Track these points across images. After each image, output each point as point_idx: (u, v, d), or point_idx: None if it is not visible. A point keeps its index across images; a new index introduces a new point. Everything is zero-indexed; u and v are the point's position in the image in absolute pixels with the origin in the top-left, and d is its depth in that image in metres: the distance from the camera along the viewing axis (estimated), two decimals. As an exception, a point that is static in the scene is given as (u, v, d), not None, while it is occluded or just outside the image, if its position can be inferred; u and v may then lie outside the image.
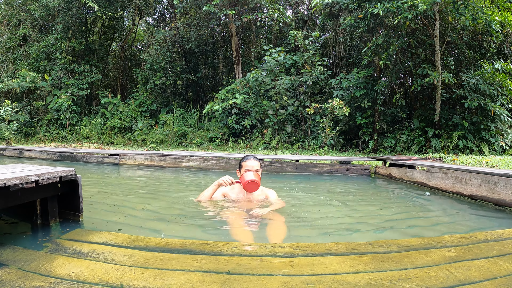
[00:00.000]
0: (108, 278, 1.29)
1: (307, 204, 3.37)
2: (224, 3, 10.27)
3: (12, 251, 1.60)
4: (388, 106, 9.88)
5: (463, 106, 7.92)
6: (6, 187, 1.75)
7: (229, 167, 6.34)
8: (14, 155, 8.75)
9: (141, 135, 11.19)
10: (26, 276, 1.30)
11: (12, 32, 14.02)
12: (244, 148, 9.55)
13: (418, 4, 6.69)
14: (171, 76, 12.76)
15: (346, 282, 1.25)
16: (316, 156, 7.13)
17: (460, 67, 8.59)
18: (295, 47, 10.74)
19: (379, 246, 1.67)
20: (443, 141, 7.73)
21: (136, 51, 17.34)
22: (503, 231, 1.98)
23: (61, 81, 12.58)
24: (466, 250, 1.62)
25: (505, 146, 7.77)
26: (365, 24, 8.47)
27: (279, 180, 5.31)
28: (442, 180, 4.08)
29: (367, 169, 6.06)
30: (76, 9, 12.48)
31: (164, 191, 4.17)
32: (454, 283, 1.24)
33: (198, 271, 1.35)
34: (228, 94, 10.12)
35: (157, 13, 16.00)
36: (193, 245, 1.68)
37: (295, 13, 13.93)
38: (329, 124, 8.86)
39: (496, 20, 7.57)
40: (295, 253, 1.56)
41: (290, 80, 9.53)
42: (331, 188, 4.72)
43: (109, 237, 1.82)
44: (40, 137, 12.31)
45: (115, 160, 7.28)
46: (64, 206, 2.31)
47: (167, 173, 6.04)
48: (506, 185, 3.04)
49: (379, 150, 8.76)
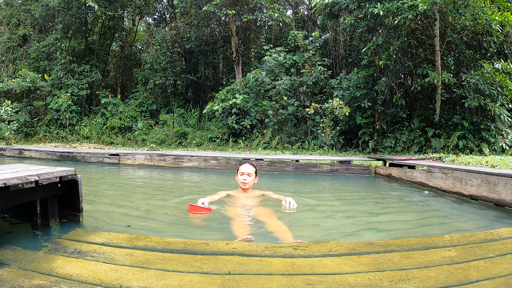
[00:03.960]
0: (108, 279, 1.29)
1: (307, 204, 3.37)
2: (224, 3, 10.27)
3: (12, 251, 1.60)
4: (388, 106, 9.88)
5: (463, 106, 7.92)
6: (6, 187, 1.75)
7: (229, 167, 6.34)
8: (14, 155, 8.75)
9: (141, 135, 11.19)
10: (26, 275, 1.30)
11: (12, 32, 14.01)
12: (244, 148, 9.55)
13: (418, 4, 6.69)
14: (171, 76, 12.76)
15: (346, 282, 1.25)
16: (316, 156, 7.13)
17: (460, 67, 8.59)
18: (295, 47, 10.74)
19: (379, 246, 1.67)
20: (443, 141, 7.73)
21: (136, 51, 17.34)
22: (503, 231, 1.97)
23: (61, 81, 12.58)
24: (466, 250, 1.62)
25: (505, 146, 7.77)
26: (365, 24, 8.47)
27: (279, 180, 5.30)
28: (442, 180, 4.08)
29: (367, 169, 6.06)
30: (76, 9, 12.48)
31: (164, 191, 4.16)
32: (454, 283, 1.24)
33: (198, 272, 1.35)
34: (228, 94, 10.12)
35: (157, 13, 16.00)
36: (193, 245, 1.68)
37: (295, 13, 13.93)
38: (329, 124, 8.86)
39: (496, 20, 7.57)
40: (295, 253, 1.56)
41: (290, 80, 9.53)
42: (331, 188, 4.72)
43: (109, 237, 1.82)
44: (40, 137, 12.31)
45: (115, 160, 7.28)
46: (64, 206, 2.31)
47: (167, 173, 6.04)
48: (506, 185, 3.04)
49: (379, 150, 8.76)
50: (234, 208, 2.91)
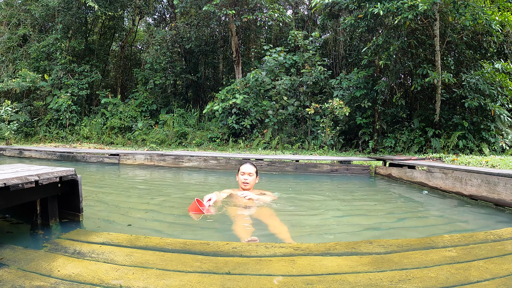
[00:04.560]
0: (108, 279, 1.29)
1: (307, 204, 3.37)
2: (224, 3, 10.27)
3: (12, 251, 1.60)
4: (388, 106, 9.87)
5: (463, 106, 7.92)
6: (6, 187, 1.75)
7: (229, 167, 6.34)
8: (14, 155, 8.75)
9: (141, 135, 11.19)
10: (26, 276, 1.30)
11: (12, 32, 14.01)
12: (244, 148, 9.55)
13: (418, 4, 6.69)
14: (171, 76, 12.76)
15: (346, 282, 1.25)
16: (316, 156, 7.12)
17: (460, 67, 8.59)
18: (295, 47, 10.73)
19: (379, 246, 1.67)
20: (443, 141, 7.73)
21: (136, 51, 17.34)
22: (503, 231, 1.97)
23: (61, 81, 12.58)
24: (466, 250, 1.62)
25: (505, 146, 7.77)
26: (365, 24, 8.47)
27: (279, 180, 5.30)
28: (442, 180, 4.08)
29: (367, 169, 6.06)
30: (76, 9, 12.48)
31: (164, 191, 4.16)
32: (454, 284, 1.24)
33: (198, 272, 1.35)
34: (228, 94, 10.12)
35: (157, 13, 16.00)
36: (193, 245, 1.68)
37: (295, 13, 13.93)
38: (329, 124, 8.86)
39: (496, 20, 7.56)
40: (295, 253, 1.56)
41: (290, 80, 9.53)
42: (331, 188, 4.72)
43: (109, 237, 1.82)
44: (40, 137, 12.31)
45: (115, 160, 7.28)
46: (64, 206, 2.31)
47: (167, 173, 6.04)
48: (506, 185, 3.04)
49: (379, 150, 8.75)
50: (236, 208, 2.91)
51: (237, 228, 2.37)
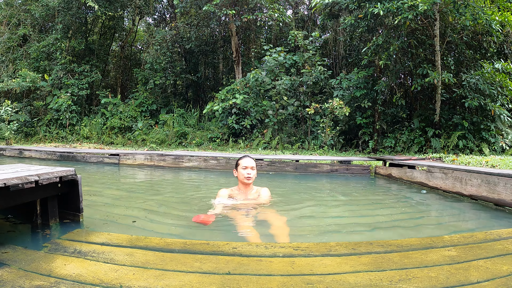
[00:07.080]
0: (108, 279, 1.29)
1: (307, 204, 3.37)
2: (224, 3, 10.26)
3: (12, 251, 1.60)
4: (388, 106, 9.87)
5: (463, 106, 7.92)
6: (6, 187, 1.75)
7: (229, 167, 6.34)
8: (14, 155, 8.75)
9: (141, 135, 11.19)
10: (27, 276, 1.30)
11: (12, 32, 14.01)
12: (244, 148, 9.55)
13: (418, 4, 6.69)
14: (171, 76, 12.76)
15: (346, 282, 1.25)
16: (316, 156, 7.12)
17: (460, 67, 8.59)
18: (295, 47, 10.73)
19: (379, 246, 1.67)
20: (443, 141, 7.73)
21: (136, 51, 17.34)
22: (503, 231, 1.98)
23: (61, 81, 12.58)
24: (466, 250, 1.62)
25: (505, 146, 7.77)
26: (365, 24, 8.47)
27: (279, 180, 5.30)
28: (442, 180, 4.08)
29: (367, 169, 6.06)
30: (76, 9, 12.48)
31: (164, 191, 4.16)
32: (454, 284, 1.24)
33: (198, 272, 1.35)
34: (228, 94, 10.12)
35: (157, 13, 16.00)
36: (193, 245, 1.68)
37: (295, 13, 13.93)
38: (329, 124, 8.86)
39: (496, 20, 7.56)
40: (295, 253, 1.56)
41: (290, 80, 9.53)
42: (331, 188, 4.72)
43: (109, 237, 1.82)
44: (40, 137, 12.31)
45: (115, 160, 7.28)
46: (64, 206, 2.31)
47: (167, 173, 6.04)
48: (506, 185, 3.04)
49: (379, 150, 8.75)
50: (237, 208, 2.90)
51: (239, 227, 2.37)
